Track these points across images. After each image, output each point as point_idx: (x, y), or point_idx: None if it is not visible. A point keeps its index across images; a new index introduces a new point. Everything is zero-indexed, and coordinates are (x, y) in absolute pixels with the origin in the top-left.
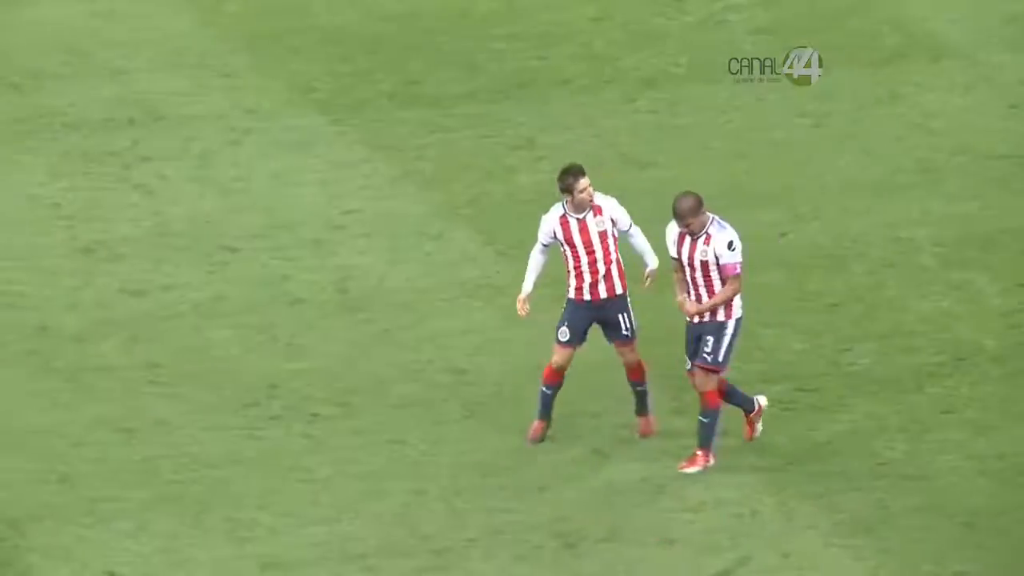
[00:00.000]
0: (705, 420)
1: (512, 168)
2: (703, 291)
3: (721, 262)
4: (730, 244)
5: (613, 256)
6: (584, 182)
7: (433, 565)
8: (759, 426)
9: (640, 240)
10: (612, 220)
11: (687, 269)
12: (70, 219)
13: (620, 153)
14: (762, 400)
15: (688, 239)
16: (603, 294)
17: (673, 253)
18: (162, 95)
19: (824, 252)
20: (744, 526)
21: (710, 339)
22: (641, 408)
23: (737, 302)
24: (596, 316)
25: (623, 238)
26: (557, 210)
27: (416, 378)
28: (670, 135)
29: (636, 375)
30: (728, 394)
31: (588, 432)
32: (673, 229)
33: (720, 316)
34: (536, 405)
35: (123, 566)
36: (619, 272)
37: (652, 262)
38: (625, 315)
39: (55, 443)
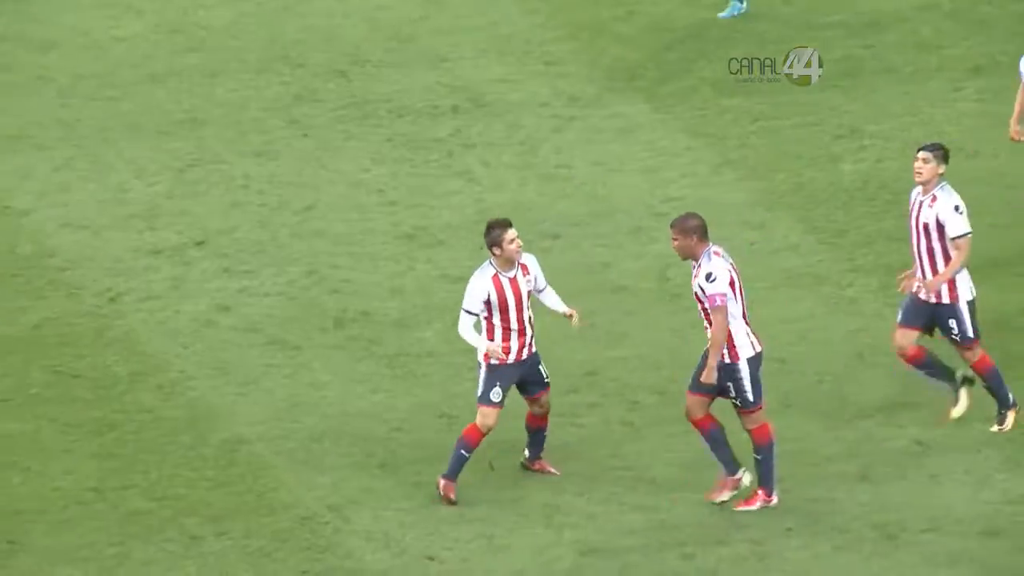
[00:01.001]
0: (759, 457)
1: (836, 156)
2: (706, 325)
3: (704, 293)
4: (708, 276)
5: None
6: (512, 233)
7: (750, 553)
8: None
9: (552, 295)
10: (535, 278)
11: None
12: (393, 205)
13: (946, 142)
14: None
15: (694, 267)
16: (527, 352)
17: None
18: (486, 82)
19: None
20: None
21: (730, 385)
22: (540, 450)
23: (743, 343)
24: (520, 373)
25: (536, 297)
26: (486, 271)
27: None
28: (996, 124)
29: (545, 421)
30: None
31: (910, 423)
32: None
33: (727, 359)
34: (454, 461)
35: (443, 551)
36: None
37: (565, 308)
38: (541, 365)
39: (376, 428)
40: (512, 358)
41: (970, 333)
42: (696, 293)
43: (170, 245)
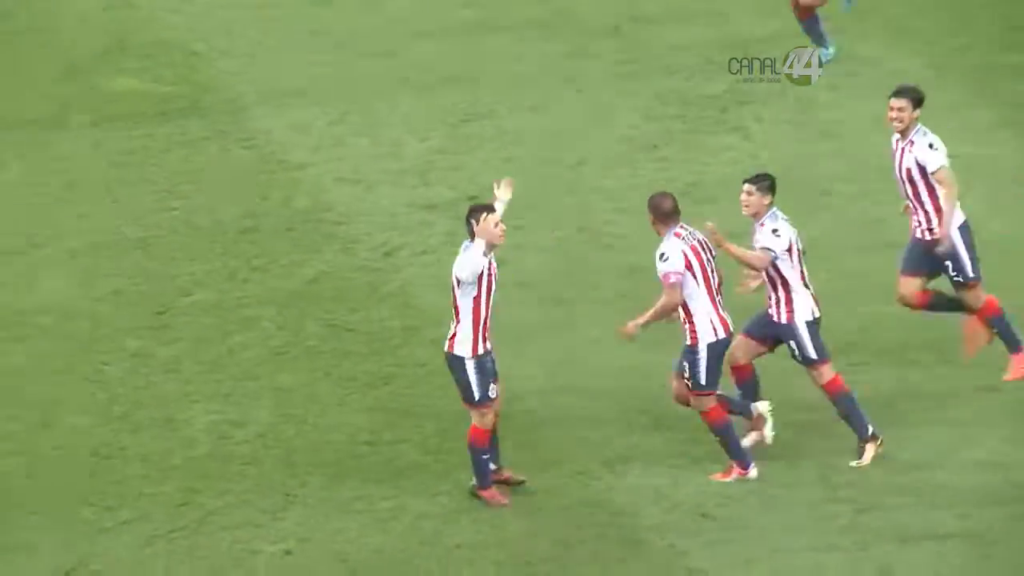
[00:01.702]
0: (716, 437)
1: None
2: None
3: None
4: (661, 255)
5: None
6: (496, 217)
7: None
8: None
9: None
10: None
11: None
12: (664, 161)
13: None
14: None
15: None
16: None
17: None
18: (761, 39)
19: None
20: None
21: (686, 364)
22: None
23: (705, 327)
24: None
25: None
26: (478, 247)
27: None
28: None
29: (497, 423)
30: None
31: None
32: None
33: (688, 340)
34: (480, 470)
35: (715, 508)
36: None
37: None
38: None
39: (647, 385)
40: (484, 349)
41: (811, 354)
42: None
43: (444, 200)
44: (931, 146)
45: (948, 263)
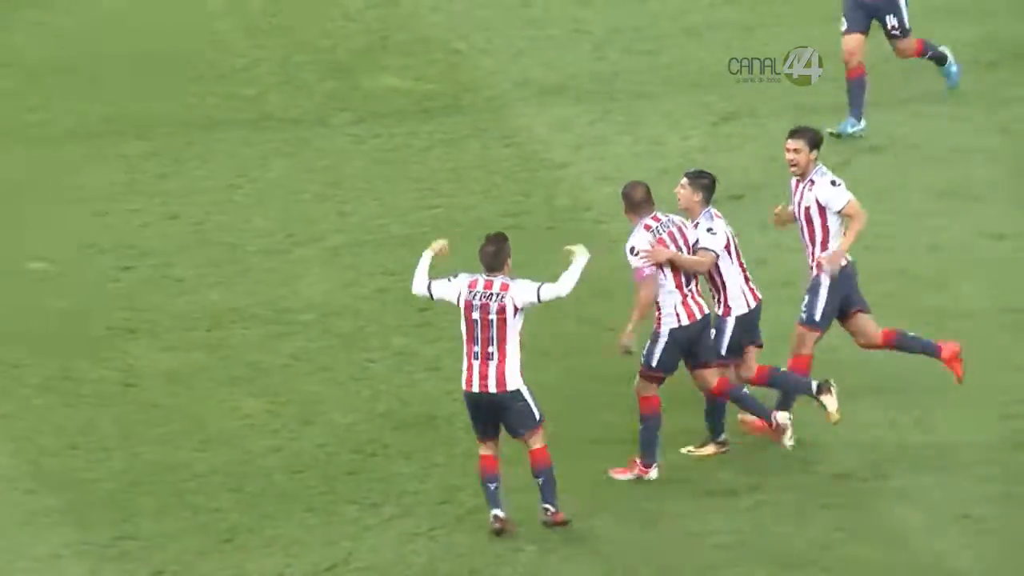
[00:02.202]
0: (640, 426)
1: None
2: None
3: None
4: (631, 249)
5: None
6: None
7: None
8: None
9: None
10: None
11: None
12: (928, 161)
13: None
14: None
15: None
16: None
17: None
18: None
19: None
20: None
21: (647, 343)
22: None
23: (668, 311)
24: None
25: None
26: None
27: None
28: None
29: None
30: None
31: None
32: None
33: (654, 325)
34: (549, 488)
35: (976, 509)
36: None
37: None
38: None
39: (917, 383)
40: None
41: (722, 350)
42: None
43: None
44: (833, 183)
45: (806, 296)
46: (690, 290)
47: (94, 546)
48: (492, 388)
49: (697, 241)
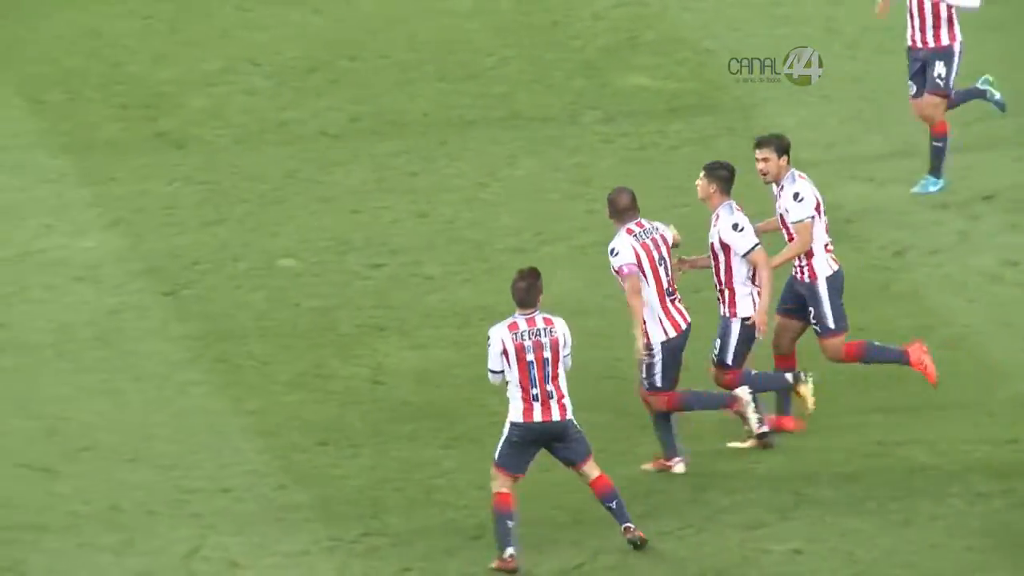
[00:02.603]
0: (657, 432)
1: None
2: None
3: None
4: (612, 251)
5: None
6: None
7: None
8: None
9: None
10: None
11: None
12: None
13: None
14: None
15: None
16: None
17: None
18: None
19: None
20: None
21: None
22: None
23: (655, 327)
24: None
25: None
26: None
27: None
28: None
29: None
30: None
31: None
32: None
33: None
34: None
35: None
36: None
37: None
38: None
39: None
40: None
41: (728, 358)
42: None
43: (957, 199)
44: (795, 196)
45: (810, 310)
46: (671, 302)
47: (342, 542)
48: (556, 416)
49: (726, 248)
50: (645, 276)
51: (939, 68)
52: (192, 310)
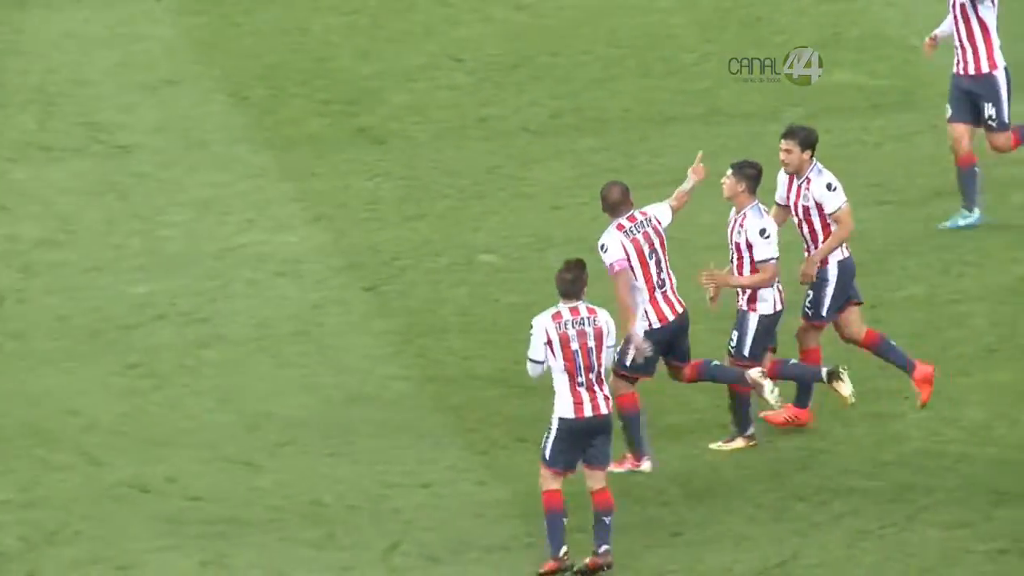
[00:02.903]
0: (621, 424)
1: None
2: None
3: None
4: (601, 247)
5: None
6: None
7: None
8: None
9: None
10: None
11: None
12: None
13: None
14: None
15: None
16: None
17: None
18: None
19: None
20: None
21: (621, 343)
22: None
23: (641, 314)
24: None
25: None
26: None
27: None
28: None
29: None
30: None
31: None
32: None
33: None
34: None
35: None
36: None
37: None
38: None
39: None
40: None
41: (745, 351)
42: None
43: None
44: (829, 186)
45: (809, 292)
46: (661, 296)
47: (542, 538)
48: (604, 410)
49: (751, 247)
50: (634, 270)
51: (988, 110)
52: (393, 305)
